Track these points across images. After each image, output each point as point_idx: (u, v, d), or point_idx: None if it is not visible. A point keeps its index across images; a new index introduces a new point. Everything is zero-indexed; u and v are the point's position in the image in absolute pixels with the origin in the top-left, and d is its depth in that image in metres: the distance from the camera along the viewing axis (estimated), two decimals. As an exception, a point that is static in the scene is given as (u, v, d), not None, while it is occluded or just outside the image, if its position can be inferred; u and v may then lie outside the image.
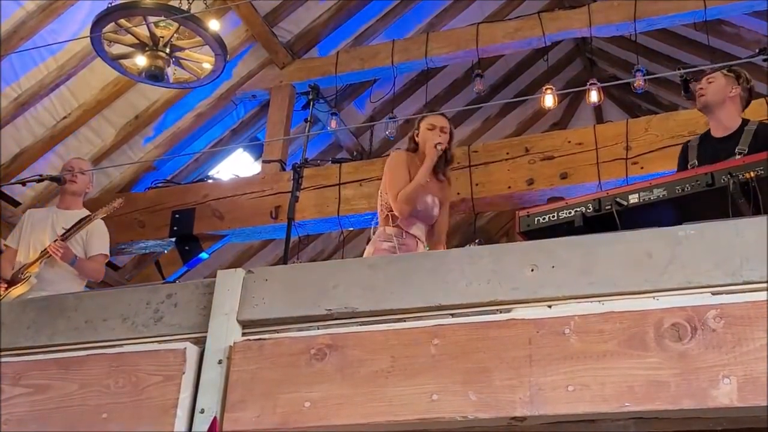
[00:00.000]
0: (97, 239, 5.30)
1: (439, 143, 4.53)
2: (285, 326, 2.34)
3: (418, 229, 4.52)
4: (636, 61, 7.80)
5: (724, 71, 4.10)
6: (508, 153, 6.56)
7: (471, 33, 7.33)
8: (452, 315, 2.19)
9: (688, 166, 3.95)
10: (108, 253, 5.37)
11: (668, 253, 2.06)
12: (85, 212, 5.29)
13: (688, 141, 4.22)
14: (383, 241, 4.45)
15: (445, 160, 4.69)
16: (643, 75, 7.27)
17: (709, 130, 4.15)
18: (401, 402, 2.05)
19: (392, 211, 4.45)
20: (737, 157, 3.74)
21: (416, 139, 4.68)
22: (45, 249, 5.05)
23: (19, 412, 2.37)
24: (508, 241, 9.64)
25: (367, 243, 4.74)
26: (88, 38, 5.33)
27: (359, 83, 8.19)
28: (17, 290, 5.00)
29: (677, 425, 1.96)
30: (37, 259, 5.08)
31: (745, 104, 4.14)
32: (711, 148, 3.99)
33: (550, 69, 8.84)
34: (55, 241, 5.05)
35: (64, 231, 5.12)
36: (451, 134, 4.70)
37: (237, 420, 2.17)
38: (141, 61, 5.50)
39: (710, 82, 4.05)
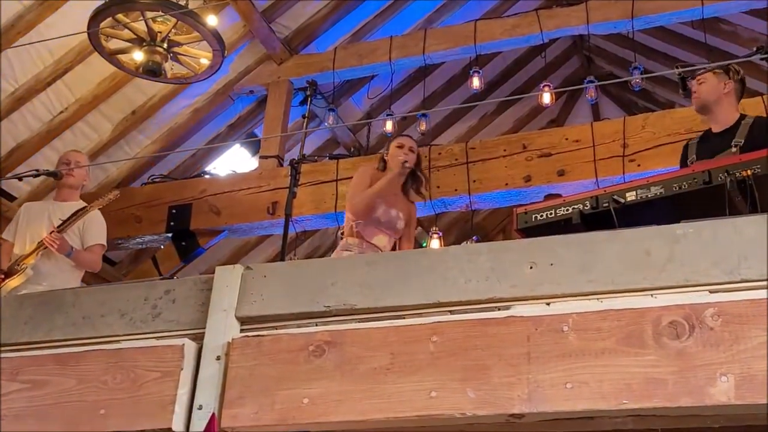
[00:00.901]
0: (94, 229, 5.29)
1: (406, 160, 4.69)
2: (283, 323, 2.34)
3: (380, 240, 4.66)
4: (633, 59, 7.81)
5: (714, 70, 4.16)
6: (505, 150, 6.56)
7: (469, 30, 7.32)
8: (451, 312, 2.19)
9: (688, 163, 3.97)
10: (105, 243, 5.36)
11: (666, 252, 2.07)
12: (82, 204, 5.28)
13: (690, 140, 4.26)
14: (343, 250, 4.61)
15: (414, 180, 4.86)
16: (641, 73, 7.27)
17: (710, 128, 4.18)
18: (400, 399, 2.05)
19: (355, 221, 4.62)
20: (733, 149, 3.79)
21: (386, 158, 4.87)
22: (41, 241, 5.04)
23: (17, 407, 2.37)
24: (505, 239, 9.65)
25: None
26: (86, 33, 5.32)
27: (357, 79, 8.19)
28: (13, 282, 5.00)
29: (675, 422, 1.97)
30: (33, 251, 5.07)
31: (740, 96, 4.20)
32: (709, 143, 4.03)
33: (548, 66, 8.84)
34: (51, 233, 5.04)
35: (60, 222, 5.11)
36: (418, 157, 4.87)
37: (235, 416, 2.18)
38: (138, 56, 5.50)
39: (701, 83, 4.10)
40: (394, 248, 4.76)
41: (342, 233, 4.83)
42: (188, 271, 7.65)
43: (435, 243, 8.22)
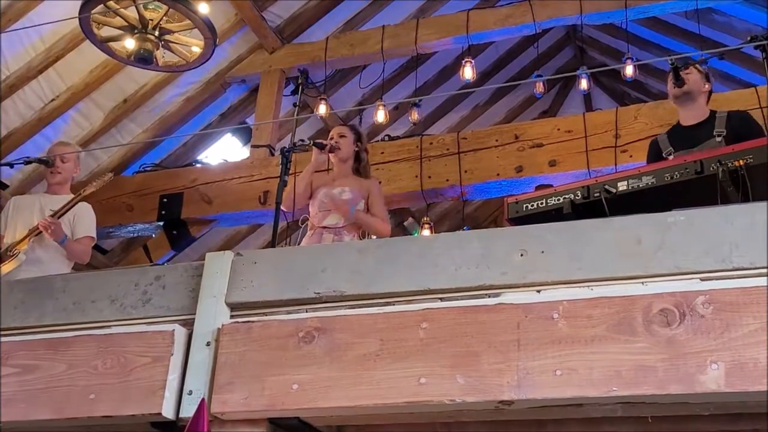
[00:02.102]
0: (84, 222, 5.27)
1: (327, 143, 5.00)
2: (273, 309, 2.34)
3: (331, 219, 4.85)
4: (626, 50, 7.81)
5: (697, 67, 4.29)
6: (497, 140, 6.55)
7: (461, 19, 7.30)
8: (441, 299, 2.19)
9: (664, 155, 4.00)
10: (94, 236, 5.34)
11: (658, 239, 2.07)
12: (72, 196, 5.27)
13: (656, 136, 4.34)
14: (303, 235, 4.93)
15: (357, 160, 5.11)
16: (634, 62, 7.27)
17: (678, 122, 4.28)
18: (389, 385, 2.05)
19: (294, 216, 5.00)
20: (717, 139, 3.84)
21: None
22: (35, 226, 5.02)
23: (7, 392, 2.37)
24: (497, 229, 9.62)
25: None
26: (77, 20, 5.29)
27: (349, 69, 8.17)
28: (6, 266, 4.97)
29: (665, 410, 1.97)
30: (26, 236, 5.05)
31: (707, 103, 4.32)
32: (684, 135, 4.10)
33: (541, 57, 8.83)
34: (46, 218, 5.01)
35: (52, 213, 5.09)
36: (360, 139, 5.16)
37: (225, 402, 2.18)
38: (130, 44, 5.47)
39: (688, 74, 4.21)
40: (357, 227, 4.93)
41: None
42: (180, 260, 7.64)
43: (426, 233, 8.22)
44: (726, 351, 1.83)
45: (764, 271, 1.92)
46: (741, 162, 2.83)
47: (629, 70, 7.34)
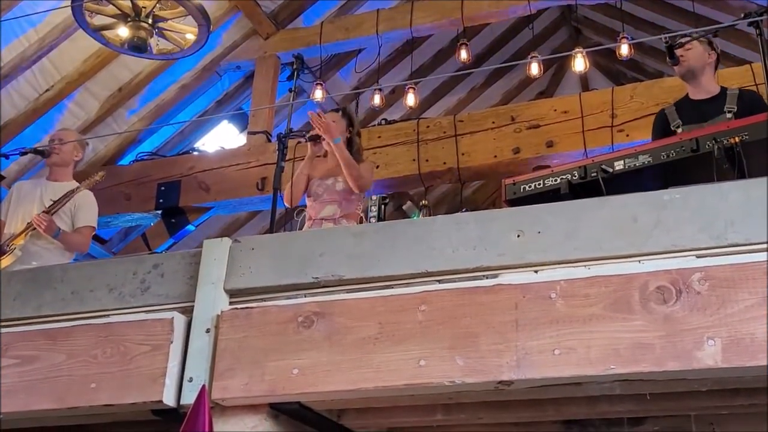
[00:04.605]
0: (85, 211, 5.27)
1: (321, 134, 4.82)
2: (272, 295, 2.35)
3: (328, 210, 4.79)
4: (621, 29, 7.78)
5: (699, 39, 4.23)
6: (494, 122, 6.55)
7: (456, 2, 7.27)
8: (439, 281, 2.20)
9: (672, 128, 3.99)
10: (95, 225, 5.34)
11: (653, 218, 2.07)
12: (74, 184, 5.26)
13: (663, 108, 4.30)
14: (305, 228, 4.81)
15: (350, 144, 4.97)
16: (629, 41, 7.25)
17: (687, 95, 4.24)
18: (389, 368, 2.06)
19: (292, 210, 4.95)
20: (728, 115, 3.83)
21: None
22: (30, 222, 5.03)
23: (7, 383, 2.38)
24: (495, 211, 9.62)
25: None
26: (69, 9, 5.27)
27: (344, 53, 8.15)
28: (2, 262, 4.98)
29: (662, 387, 1.98)
30: (22, 232, 5.06)
31: (715, 70, 4.29)
32: (695, 109, 4.07)
33: (536, 38, 8.80)
34: (39, 214, 5.02)
35: (51, 203, 5.09)
36: (352, 123, 5.04)
37: (225, 388, 2.18)
38: (123, 32, 5.44)
39: (688, 50, 4.16)
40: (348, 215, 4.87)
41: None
42: (179, 248, 7.63)
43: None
44: (722, 327, 1.84)
45: (760, 247, 1.93)
46: (736, 139, 2.83)
47: (624, 50, 7.31)
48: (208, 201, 7.10)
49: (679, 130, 3.91)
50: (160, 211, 7.18)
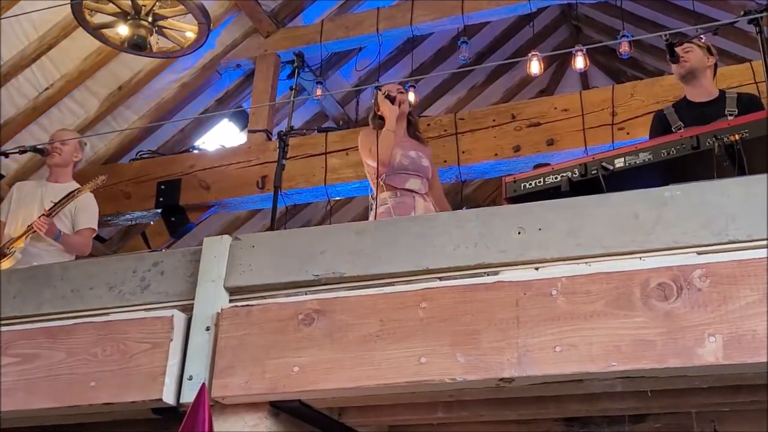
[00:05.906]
0: (85, 213, 5.27)
1: (393, 95, 4.70)
2: (272, 292, 2.34)
3: (413, 184, 4.60)
4: (622, 27, 7.78)
5: (698, 43, 4.29)
6: (494, 120, 6.54)
7: (456, 1, 7.26)
8: (440, 278, 2.20)
9: (673, 130, 3.99)
10: (96, 227, 5.34)
11: (654, 214, 2.07)
12: (75, 185, 5.25)
13: (662, 109, 4.31)
14: (379, 206, 4.51)
15: (410, 124, 4.88)
16: (629, 39, 7.24)
17: (685, 97, 4.27)
18: (390, 365, 2.05)
19: (379, 176, 4.53)
20: (729, 118, 3.83)
21: (378, 112, 4.79)
22: (31, 224, 5.02)
23: (7, 381, 2.37)
24: (495, 209, 9.60)
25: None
26: (69, 7, 5.26)
27: (344, 52, 8.14)
28: (2, 264, 4.98)
29: (664, 384, 1.98)
30: (22, 234, 5.05)
31: (714, 74, 4.34)
32: (695, 112, 4.08)
33: (536, 36, 8.79)
34: (39, 217, 5.02)
35: (51, 205, 5.09)
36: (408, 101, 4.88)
37: (225, 386, 2.18)
38: (123, 30, 5.44)
39: (688, 51, 4.20)
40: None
41: (373, 198, 4.68)
42: (179, 246, 7.62)
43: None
44: (723, 323, 1.83)
45: (761, 243, 1.93)
46: (736, 137, 2.83)
47: (624, 47, 7.31)
48: (209, 200, 7.09)
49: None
50: (160, 210, 7.17)
